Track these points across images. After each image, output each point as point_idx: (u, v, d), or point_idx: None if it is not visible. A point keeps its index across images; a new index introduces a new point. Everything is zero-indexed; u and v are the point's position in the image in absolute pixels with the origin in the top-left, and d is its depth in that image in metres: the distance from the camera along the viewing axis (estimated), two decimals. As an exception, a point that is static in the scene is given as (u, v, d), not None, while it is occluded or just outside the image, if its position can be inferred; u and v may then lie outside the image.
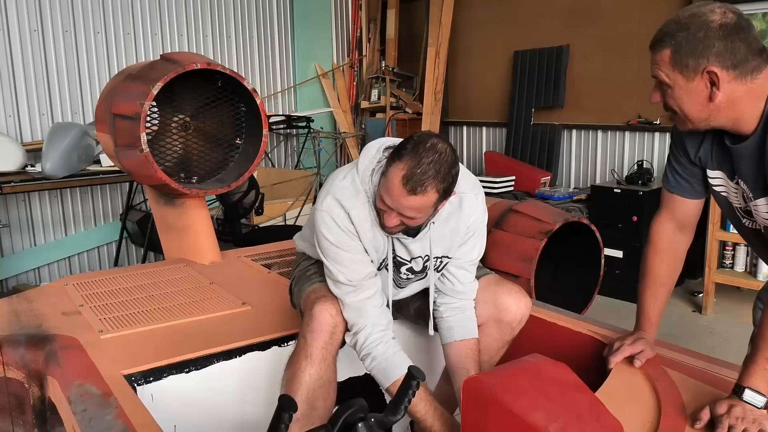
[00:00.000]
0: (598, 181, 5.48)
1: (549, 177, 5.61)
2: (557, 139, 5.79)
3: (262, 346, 2.05)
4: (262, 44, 6.62)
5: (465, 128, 6.71)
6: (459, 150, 6.80)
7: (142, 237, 5.15)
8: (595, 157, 5.67)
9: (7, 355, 2.05)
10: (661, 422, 1.52)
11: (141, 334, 2.11)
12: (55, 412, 1.98)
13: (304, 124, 6.48)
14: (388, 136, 5.89)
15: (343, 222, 1.79)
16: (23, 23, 5.14)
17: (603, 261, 3.29)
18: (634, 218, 4.70)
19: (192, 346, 1.99)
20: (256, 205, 5.24)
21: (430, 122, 6.17)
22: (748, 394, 1.48)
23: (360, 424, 1.31)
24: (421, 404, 1.77)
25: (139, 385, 1.83)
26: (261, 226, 5.33)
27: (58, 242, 5.54)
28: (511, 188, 5.53)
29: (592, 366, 1.95)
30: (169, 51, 5.87)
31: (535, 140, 5.91)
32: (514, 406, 1.33)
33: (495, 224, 3.23)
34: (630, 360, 1.81)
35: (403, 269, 1.93)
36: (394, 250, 1.87)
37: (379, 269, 1.89)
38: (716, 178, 1.74)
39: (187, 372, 1.93)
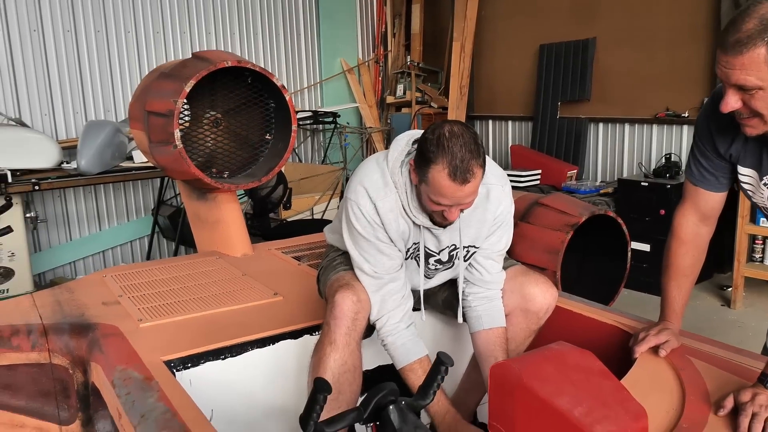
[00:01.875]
0: (625, 175, 5.47)
1: (575, 170, 5.61)
2: (583, 133, 5.78)
3: (294, 335, 2.12)
4: (288, 41, 6.70)
5: (491, 122, 6.72)
6: (485, 144, 6.81)
7: (174, 231, 5.27)
8: (622, 150, 5.66)
9: (52, 342, 2.14)
10: (685, 409, 1.55)
11: (178, 322, 2.19)
12: (98, 396, 2.06)
13: (330, 119, 6.54)
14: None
15: (370, 213, 1.84)
16: (57, 25, 5.28)
17: (630, 254, 3.29)
18: (662, 211, 4.68)
19: (227, 334, 2.06)
20: (284, 199, 5.33)
21: (455, 116, 6.20)
22: (771, 381, 1.50)
23: (391, 407, 1.37)
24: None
25: (177, 370, 1.91)
26: (289, 220, 5.42)
27: (93, 237, 5.69)
28: (537, 182, 5.54)
29: (618, 356, 1.98)
30: (198, 49, 5.98)
31: (561, 134, 5.91)
32: (540, 391, 1.37)
33: (521, 217, 3.25)
34: (655, 350, 1.84)
35: (431, 260, 1.97)
36: (424, 242, 1.92)
37: (406, 258, 1.95)
38: (746, 176, 1.74)
39: (223, 359, 2.00)
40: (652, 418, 1.47)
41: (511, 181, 5.35)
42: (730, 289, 4.64)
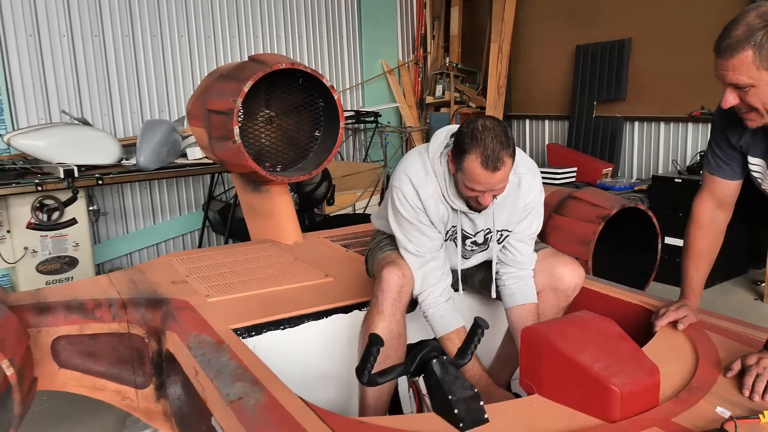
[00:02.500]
0: (660, 172, 5.58)
1: (611, 168, 5.74)
2: (619, 131, 5.90)
3: (345, 310, 2.35)
4: (331, 44, 6.96)
5: (528, 122, 6.88)
6: (522, 143, 6.98)
7: (223, 225, 5.56)
8: (657, 148, 5.77)
9: (130, 314, 2.41)
10: (697, 372, 1.72)
11: (241, 298, 2.44)
12: (170, 362, 2.32)
13: (371, 119, 6.78)
14: (453, 129, 6.13)
15: (413, 199, 2.06)
16: (116, 30, 5.63)
17: (660, 246, 3.43)
18: (694, 207, 4.78)
19: (285, 308, 2.31)
20: (328, 195, 5.58)
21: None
22: (776, 348, 1.67)
23: (434, 360, 1.58)
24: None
25: (243, 338, 2.15)
26: (332, 215, 5.66)
27: (148, 230, 6.03)
28: (573, 179, 5.69)
29: (641, 332, 2.16)
30: (246, 51, 6.29)
31: (597, 132, 6.04)
32: (565, 349, 1.58)
33: (555, 210, 3.43)
34: (674, 324, 2.02)
35: (468, 242, 2.19)
36: (461, 225, 2.14)
37: (446, 240, 2.16)
38: (756, 164, 1.92)
39: (282, 329, 2.24)
40: (667, 379, 1.66)
41: (547, 178, 5.61)
42: (763, 284, 4.72)
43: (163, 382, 2.44)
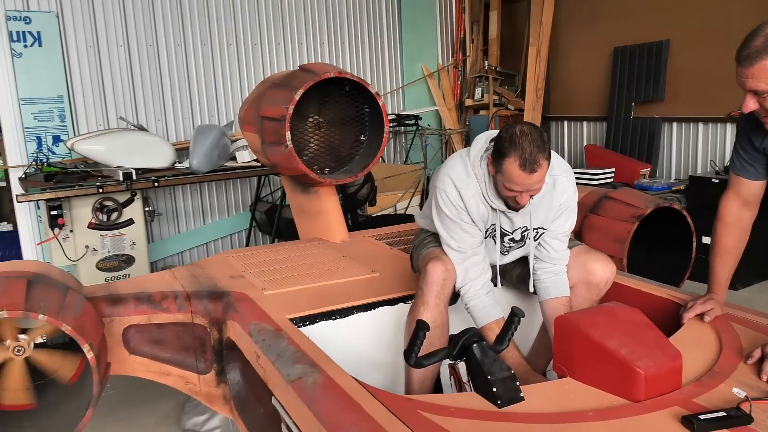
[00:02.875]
0: (699, 172, 5.63)
1: (648, 169, 5.80)
2: (657, 132, 5.96)
3: (391, 302, 2.54)
4: (372, 49, 7.15)
5: (566, 123, 6.97)
6: (560, 144, 7.07)
7: (269, 225, 5.80)
8: (695, 148, 5.81)
9: (194, 305, 2.63)
10: (720, 360, 1.86)
11: (295, 291, 2.64)
12: (231, 350, 2.54)
13: (412, 122, 6.95)
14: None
15: (455, 199, 2.24)
16: (169, 39, 5.92)
17: (695, 245, 3.52)
18: (733, 207, 4.83)
19: (336, 300, 2.50)
20: (370, 197, 5.78)
21: (531, 118, 6.49)
22: (793, 337, 1.80)
23: (475, 345, 1.75)
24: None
25: (298, 326, 2.34)
26: (374, 215, 5.86)
27: (198, 230, 6.31)
28: (611, 180, 5.77)
29: (670, 324, 2.28)
30: (291, 58, 6.54)
31: (635, 133, 6.11)
32: (594, 335, 1.73)
33: (591, 209, 3.56)
34: (701, 317, 2.14)
35: (506, 239, 2.35)
36: (500, 223, 2.30)
37: (486, 237, 2.33)
38: None
39: (333, 319, 2.44)
40: (690, 365, 1.80)
41: (585, 179, 5.74)
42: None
43: (223, 368, 2.66)
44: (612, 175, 5.78)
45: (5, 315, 2.18)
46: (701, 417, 1.50)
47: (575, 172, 5.92)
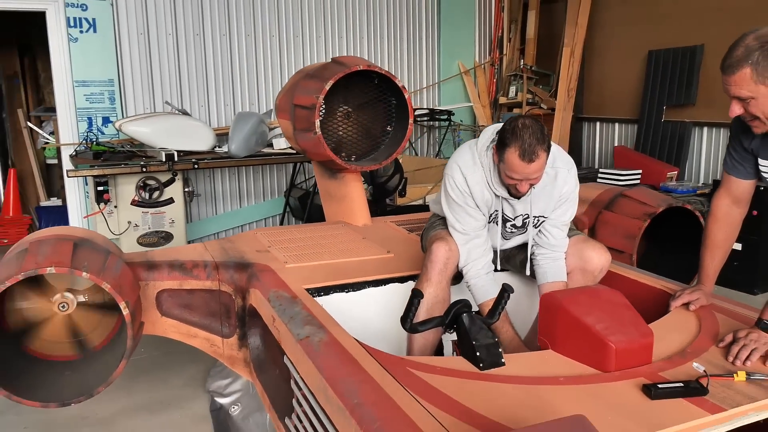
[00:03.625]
0: (726, 177, 5.66)
1: (676, 171, 5.86)
2: (687, 136, 6.02)
3: (401, 280, 2.73)
4: (410, 45, 7.34)
5: (598, 124, 7.05)
6: (591, 144, 7.16)
7: (302, 211, 6.05)
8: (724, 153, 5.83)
9: (221, 274, 2.87)
10: (694, 342, 2.00)
11: (314, 266, 2.86)
12: (252, 317, 2.76)
13: (445, 117, 7.11)
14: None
15: (462, 184, 2.42)
16: (215, 29, 6.21)
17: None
18: (754, 212, 4.89)
19: (350, 275, 2.71)
20: (400, 187, 5.97)
21: (562, 117, 6.60)
22: (763, 325, 1.94)
23: (464, 314, 1.93)
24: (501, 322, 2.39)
25: (314, 297, 2.56)
26: (402, 206, 6.04)
27: (234, 212, 6.60)
28: (638, 181, 5.85)
29: (660, 312, 2.42)
30: (331, 51, 6.77)
31: (665, 136, 6.17)
32: (574, 311, 1.90)
33: (605, 206, 3.69)
34: (688, 305, 2.28)
35: (508, 225, 2.52)
36: (503, 210, 2.48)
37: (489, 222, 2.50)
38: (765, 166, 2.18)
39: (346, 292, 2.65)
40: (666, 345, 1.96)
41: (611, 179, 5.85)
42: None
43: (245, 333, 2.89)
44: (639, 176, 5.86)
45: (53, 270, 2.44)
46: (660, 386, 1.66)
47: (603, 173, 6.04)
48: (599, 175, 5.95)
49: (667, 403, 1.63)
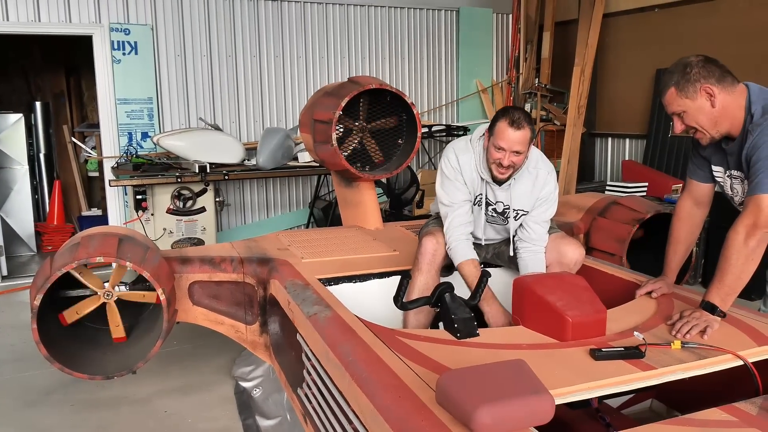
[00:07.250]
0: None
1: (681, 184, 6.08)
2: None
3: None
4: (430, 64, 7.72)
5: (610, 140, 7.34)
6: (603, 159, 7.44)
7: (326, 222, 6.43)
8: (729, 168, 6.07)
9: (246, 268, 3.25)
10: (646, 321, 2.32)
11: (327, 261, 3.23)
12: (272, 306, 3.13)
13: (462, 133, 7.45)
14: (536, 146, 6.71)
15: (454, 162, 2.82)
16: (246, 51, 6.68)
17: (694, 250, 3.89)
18: (752, 222, 5.12)
19: (358, 268, 3.08)
20: (416, 199, 6.33)
21: (572, 133, 6.89)
22: (705, 305, 2.25)
23: (446, 294, 2.28)
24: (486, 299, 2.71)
25: (325, 286, 2.92)
26: (416, 216, 6.39)
27: (261, 222, 7.01)
28: (644, 194, 6.10)
29: (628, 300, 2.73)
30: (355, 71, 7.19)
31: (672, 151, 6.43)
32: (539, 291, 2.24)
33: (599, 213, 4.00)
34: (651, 294, 2.59)
35: (490, 209, 2.89)
36: (486, 194, 2.83)
37: (474, 204, 2.86)
38: (717, 171, 2.49)
39: (353, 282, 3.01)
40: (622, 324, 2.28)
41: (617, 191, 6.24)
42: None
43: (265, 320, 3.26)
44: (645, 188, 6.12)
45: (102, 260, 2.85)
46: (603, 350, 1.98)
47: (611, 185, 6.33)
48: (607, 187, 6.23)
49: (608, 363, 1.95)
